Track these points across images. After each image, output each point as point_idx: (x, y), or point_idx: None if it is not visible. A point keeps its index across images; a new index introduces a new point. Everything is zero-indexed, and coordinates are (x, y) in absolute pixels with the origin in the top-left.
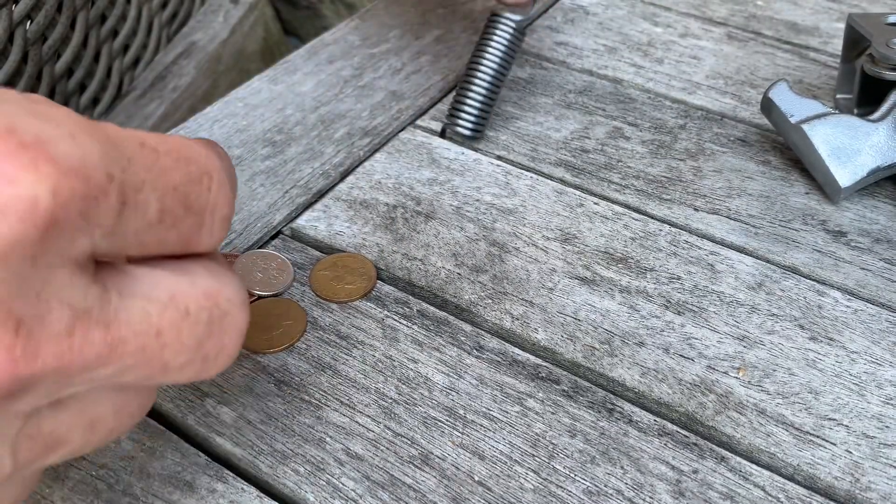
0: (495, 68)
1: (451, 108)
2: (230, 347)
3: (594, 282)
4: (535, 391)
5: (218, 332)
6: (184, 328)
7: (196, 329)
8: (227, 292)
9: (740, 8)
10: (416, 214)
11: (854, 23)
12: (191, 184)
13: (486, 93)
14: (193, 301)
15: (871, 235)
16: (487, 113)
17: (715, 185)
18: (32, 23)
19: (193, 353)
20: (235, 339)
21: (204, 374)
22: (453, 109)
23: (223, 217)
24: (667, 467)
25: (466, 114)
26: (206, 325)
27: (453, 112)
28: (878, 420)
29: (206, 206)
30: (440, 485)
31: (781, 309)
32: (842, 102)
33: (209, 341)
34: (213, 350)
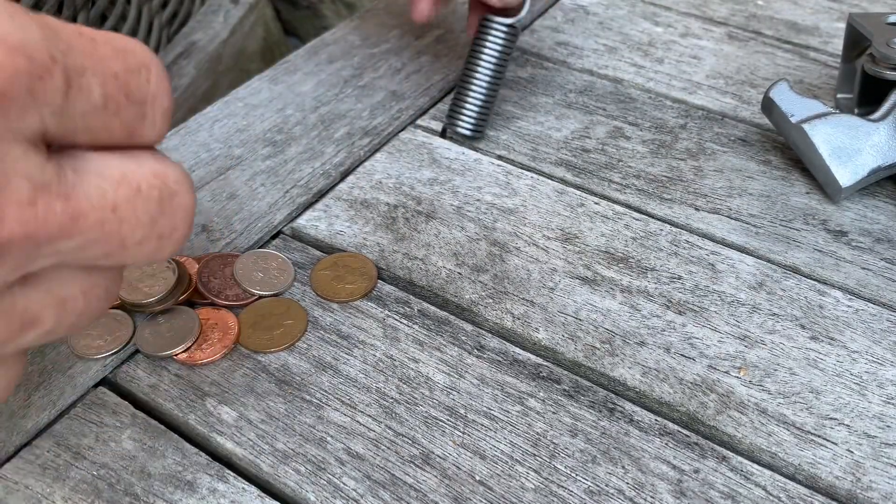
0: (491, 71)
1: (451, 108)
2: (182, 227)
3: (595, 281)
4: (536, 391)
5: (169, 210)
6: (138, 204)
7: (149, 206)
8: (173, 174)
9: (741, 8)
10: (417, 214)
11: (854, 22)
12: (130, 73)
13: (485, 93)
14: (143, 179)
15: (872, 235)
16: (487, 113)
17: (716, 184)
18: None
19: (148, 229)
20: (186, 219)
21: (159, 254)
22: (453, 110)
23: (164, 109)
24: (668, 467)
25: (466, 114)
26: (158, 203)
27: (453, 112)
28: (879, 419)
29: (147, 96)
30: (441, 484)
31: (782, 308)
32: (842, 102)
33: (162, 219)
34: (166, 228)
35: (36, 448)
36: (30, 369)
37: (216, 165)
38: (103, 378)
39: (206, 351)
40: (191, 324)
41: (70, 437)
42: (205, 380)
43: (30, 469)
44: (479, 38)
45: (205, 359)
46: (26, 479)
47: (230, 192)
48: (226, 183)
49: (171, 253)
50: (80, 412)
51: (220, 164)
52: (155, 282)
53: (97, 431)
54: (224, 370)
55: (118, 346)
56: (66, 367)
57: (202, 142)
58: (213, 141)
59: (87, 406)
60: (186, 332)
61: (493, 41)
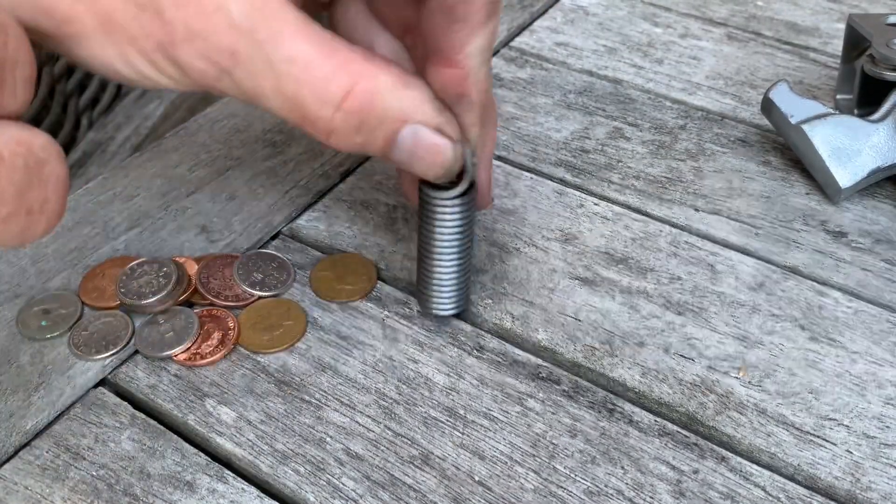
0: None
1: (420, 287)
2: (54, 200)
3: (594, 282)
4: (535, 391)
5: (38, 181)
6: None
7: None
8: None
9: (740, 8)
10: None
11: (854, 23)
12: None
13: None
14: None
15: (872, 236)
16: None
17: (715, 185)
18: None
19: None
20: (59, 189)
21: (31, 232)
22: (423, 291)
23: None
24: (667, 467)
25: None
26: (24, 172)
27: (425, 293)
28: (878, 420)
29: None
30: (440, 485)
31: (782, 309)
32: (842, 103)
33: (30, 191)
34: (36, 201)
35: (35, 448)
36: (29, 370)
37: (216, 166)
38: (103, 379)
39: (205, 351)
40: (190, 324)
41: (69, 437)
42: (204, 380)
43: (29, 470)
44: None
45: (204, 359)
46: (26, 480)
47: (230, 192)
48: (225, 183)
49: (43, 231)
50: (79, 413)
51: (219, 164)
52: (154, 282)
53: (97, 432)
54: (224, 371)
55: (117, 347)
56: (65, 367)
57: (202, 142)
58: (213, 141)
59: (86, 406)
60: (186, 332)
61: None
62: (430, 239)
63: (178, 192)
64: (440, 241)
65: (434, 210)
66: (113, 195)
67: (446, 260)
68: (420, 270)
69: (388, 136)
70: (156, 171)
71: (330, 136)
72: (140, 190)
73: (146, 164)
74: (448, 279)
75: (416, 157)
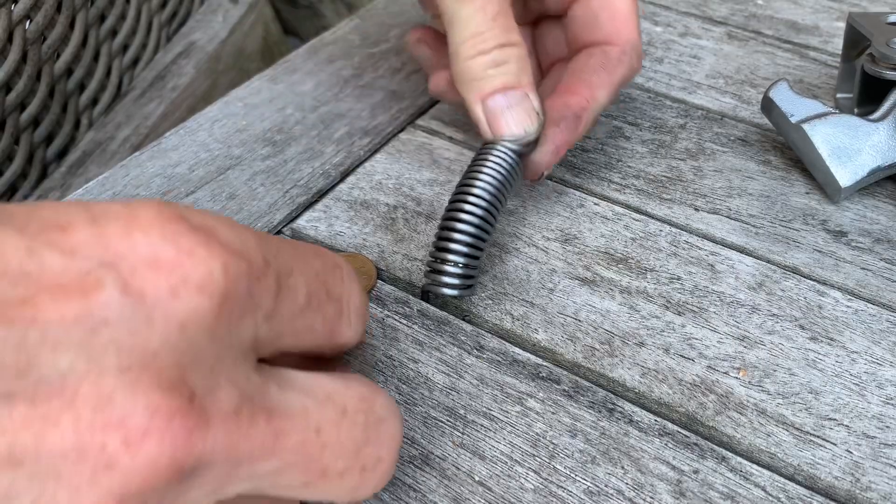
0: (489, 208)
1: (431, 261)
2: (387, 460)
3: (594, 282)
4: (535, 391)
5: (375, 438)
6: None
7: (354, 431)
8: (381, 399)
9: (740, 7)
10: (417, 215)
11: (854, 22)
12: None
13: (477, 239)
14: (350, 402)
15: (872, 235)
16: (478, 259)
17: (715, 184)
18: (31, 22)
19: (352, 458)
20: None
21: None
22: (434, 264)
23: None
24: (667, 467)
25: (450, 270)
26: (363, 429)
27: (434, 268)
28: (878, 420)
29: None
30: (440, 485)
31: (782, 309)
32: (842, 102)
33: (367, 448)
34: (370, 459)
35: None
36: None
37: (216, 165)
38: None
39: None
40: None
41: None
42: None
43: None
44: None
45: None
46: None
47: (230, 192)
48: (225, 183)
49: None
50: None
51: (219, 164)
52: None
53: None
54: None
55: None
56: None
57: (201, 142)
58: (213, 141)
59: None
60: None
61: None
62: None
63: (178, 192)
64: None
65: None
66: (113, 195)
67: (476, 217)
68: (439, 244)
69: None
70: (156, 170)
71: None
72: (140, 190)
73: (146, 164)
74: (467, 249)
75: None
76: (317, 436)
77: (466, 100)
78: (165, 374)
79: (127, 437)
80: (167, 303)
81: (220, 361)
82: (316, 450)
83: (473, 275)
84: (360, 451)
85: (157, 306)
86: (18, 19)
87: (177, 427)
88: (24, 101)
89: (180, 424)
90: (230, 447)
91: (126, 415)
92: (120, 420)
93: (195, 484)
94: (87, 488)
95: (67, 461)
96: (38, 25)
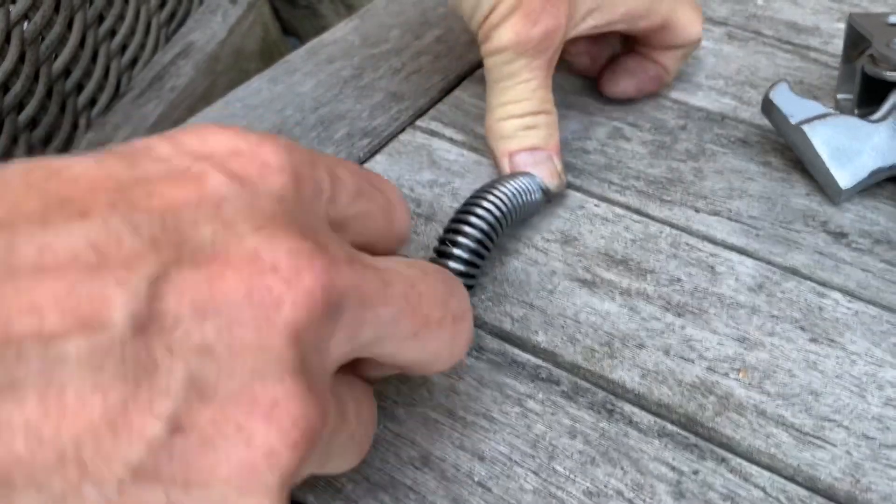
0: (500, 217)
1: (434, 257)
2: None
3: (594, 284)
4: (535, 392)
5: (456, 292)
6: (429, 282)
7: (438, 285)
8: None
9: (740, 8)
10: (417, 216)
11: (855, 23)
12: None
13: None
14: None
15: (872, 237)
16: (483, 258)
17: (715, 186)
18: (30, 22)
19: (443, 307)
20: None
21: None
22: (437, 260)
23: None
24: (667, 468)
25: (452, 266)
26: (444, 284)
27: (438, 263)
28: (878, 421)
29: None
30: (440, 486)
31: (782, 311)
32: (842, 103)
33: (451, 299)
34: (458, 309)
35: None
36: None
37: None
38: None
39: None
40: None
41: None
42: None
43: None
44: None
45: None
46: None
47: None
48: None
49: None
50: None
51: None
52: None
53: None
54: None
55: None
56: None
57: None
58: None
59: None
60: None
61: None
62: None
63: None
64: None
65: (517, 177)
66: None
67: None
68: (449, 232)
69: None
70: None
71: None
72: None
73: None
74: (475, 245)
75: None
76: (412, 288)
77: (495, 153)
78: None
79: (284, 277)
80: (260, 181)
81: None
82: (415, 298)
83: (475, 274)
84: (447, 302)
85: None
86: (16, 19)
87: (318, 264)
88: (22, 101)
89: (320, 262)
90: (356, 286)
91: (276, 260)
92: (273, 265)
93: (340, 322)
94: (266, 326)
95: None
96: (36, 25)
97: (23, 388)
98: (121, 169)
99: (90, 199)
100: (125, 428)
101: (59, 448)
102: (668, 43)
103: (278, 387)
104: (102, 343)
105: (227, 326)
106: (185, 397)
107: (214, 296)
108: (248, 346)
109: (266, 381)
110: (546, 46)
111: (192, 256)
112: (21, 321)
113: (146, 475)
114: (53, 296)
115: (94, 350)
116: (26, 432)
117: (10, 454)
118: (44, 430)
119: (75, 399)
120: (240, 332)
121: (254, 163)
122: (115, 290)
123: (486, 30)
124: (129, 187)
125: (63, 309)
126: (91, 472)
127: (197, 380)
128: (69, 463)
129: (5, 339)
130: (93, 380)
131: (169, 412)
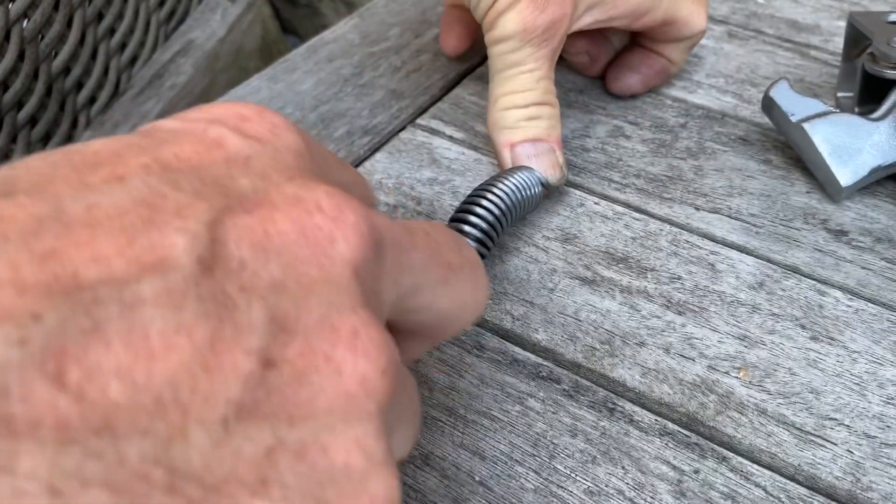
0: (505, 210)
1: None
2: (480, 264)
3: (595, 282)
4: (535, 391)
5: (463, 243)
6: (438, 233)
7: (447, 235)
8: None
9: (741, 6)
10: (417, 215)
11: (855, 21)
12: None
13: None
14: (425, 224)
15: (873, 234)
16: (489, 249)
17: (716, 184)
18: (29, 20)
19: (459, 254)
20: (478, 258)
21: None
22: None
23: None
24: (668, 467)
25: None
26: (451, 236)
27: None
28: (879, 420)
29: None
30: (441, 485)
31: (782, 308)
32: (843, 101)
33: (463, 248)
34: (471, 257)
35: None
36: None
37: None
38: None
39: None
40: None
41: None
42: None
43: None
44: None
45: None
46: None
47: None
48: None
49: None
50: None
51: None
52: None
53: None
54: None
55: None
56: None
57: None
58: None
59: None
60: None
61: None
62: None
63: None
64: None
65: (518, 170)
66: None
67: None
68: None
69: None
70: None
71: None
72: None
73: None
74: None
75: (541, 155)
76: (429, 235)
77: (496, 144)
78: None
79: (330, 216)
80: (275, 139)
81: (333, 180)
82: (435, 245)
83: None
84: (461, 250)
85: (271, 141)
86: (16, 17)
87: (355, 203)
88: (22, 99)
89: (356, 202)
90: (389, 228)
91: (318, 201)
92: (317, 205)
93: (385, 264)
94: (328, 262)
95: (301, 246)
96: (36, 23)
97: (106, 332)
98: (138, 140)
99: (120, 165)
100: (217, 366)
101: (156, 391)
102: (672, 37)
103: (353, 317)
104: (177, 283)
105: (291, 264)
106: (270, 331)
107: (271, 237)
108: (316, 281)
109: (342, 312)
110: (551, 35)
111: (239, 203)
112: (88, 269)
113: (248, 413)
114: (115, 246)
115: (170, 290)
116: (119, 377)
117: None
118: (136, 374)
119: (161, 340)
120: (304, 269)
121: (263, 124)
122: (176, 237)
123: (492, 17)
124: (155, 152)
125: (128, 257)
126: (193, 413)
127: (277, 315)
128: (169, 405)
129: (77, 286)
130: (175, 320)
131: (258, 347)
